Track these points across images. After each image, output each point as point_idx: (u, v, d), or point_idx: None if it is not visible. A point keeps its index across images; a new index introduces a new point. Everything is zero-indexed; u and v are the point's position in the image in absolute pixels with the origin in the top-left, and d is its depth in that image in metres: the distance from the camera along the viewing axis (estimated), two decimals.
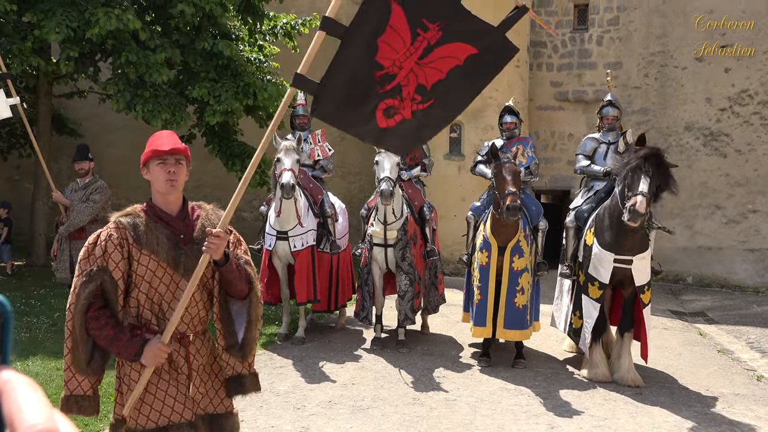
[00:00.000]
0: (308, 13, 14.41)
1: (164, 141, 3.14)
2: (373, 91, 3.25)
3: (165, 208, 3.11)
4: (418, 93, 3.29)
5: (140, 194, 17.56)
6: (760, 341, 9.68)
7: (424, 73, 3.29)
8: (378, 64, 3.24)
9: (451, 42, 3.26)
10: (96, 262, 2.93)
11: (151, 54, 10.65)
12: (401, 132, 3.33)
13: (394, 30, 3.22)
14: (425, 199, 9.04)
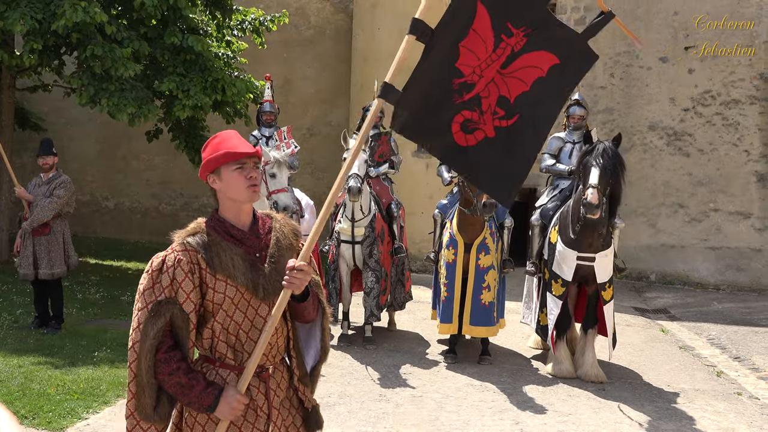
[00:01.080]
0: (277, 10, 14.37)
1: (237, 142, 2.71)
2: (449, 100, 2.92)
3: (236, 221, 2.69)
4: (500, 106, 2.95)
5: (106, 190, 17.36)
6: (720, 338, 9.86)
7: (506, 84, 2.97)
8: (457, 71, 2.92)
9: (535, 50, 2.96)
10: (163, 292, 2.53)
11: (118, 47, 10.53)
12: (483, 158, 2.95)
13: (477, 34, 2.92)
14: (393, 196, 9.06)
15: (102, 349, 7.53)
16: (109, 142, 16.93)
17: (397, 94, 2.85)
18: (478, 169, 3.01)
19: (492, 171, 2.98)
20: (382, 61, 14.33)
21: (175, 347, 2.55)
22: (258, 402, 2.66)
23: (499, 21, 2.92)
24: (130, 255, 14.40)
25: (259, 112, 9.98)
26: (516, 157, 2.96)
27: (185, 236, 2.65)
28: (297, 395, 2.80)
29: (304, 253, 2.65)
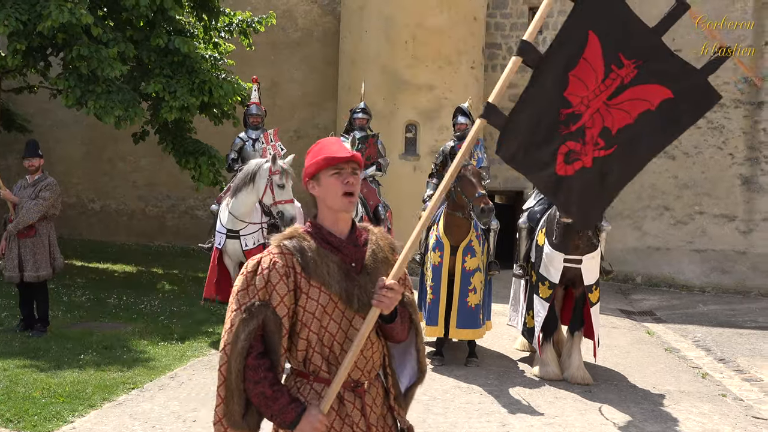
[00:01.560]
0: (264, 11, 14.35)
1: (337, 147, 2.64)
2: (556, 131, 2.84)
3: (334, 229, 2.60)
4: (601, 137, 2.88)
5: (92, 192, 17.25)
6: (705, 340, 9.93)
7: (611, 116, 2.89)
8: (566, 101, 2.84)
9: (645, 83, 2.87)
10: (257, 294, 2.47)
11: (104, 48, 10.48)
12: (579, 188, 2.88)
13: (587, 63, 2.84)
14: (380, 199, 9.07)
15: (88, 352, 7.49)
16: (95, 144, 16.84)
17: (502, 119, 2.75)
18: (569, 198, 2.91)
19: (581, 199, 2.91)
20: (370, 63, 14.36)
21: (265, 354, 2.48)
22: (354, 418, 2.56)
23: (610, 51, 2.85)
24: (117, 257, 14.34)
25: (245, 114, 9.97)
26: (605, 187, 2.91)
27: (282, 239, 2.57)
28: (392, 414, 2.73)
29: (396, 271, 2.56)
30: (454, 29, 14.48)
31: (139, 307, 9.95)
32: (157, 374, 6.95)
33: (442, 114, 14.19)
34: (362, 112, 9.48)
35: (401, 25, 14.26)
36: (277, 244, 2.56)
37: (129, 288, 11.22)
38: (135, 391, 6.41)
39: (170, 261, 14.52)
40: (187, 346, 8.04)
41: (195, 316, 9.55)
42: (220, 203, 8.75)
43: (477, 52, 15.16)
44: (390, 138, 13.71)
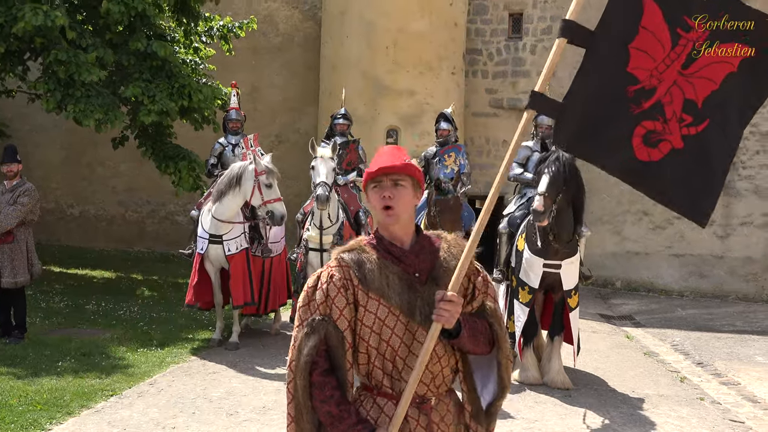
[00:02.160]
0: (245, 17, 14.33)
1: (383, 158, 2.54)
2: (626, 111, 2.59)
3: (394, 239, 2.52)
4: (686, 112, 2.60)
5: (71, 197, 17.05)
6: (684, 344, 10.00)
7: (692, 86, 2.60)
8: (631, 77, 2.59)
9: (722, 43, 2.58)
10: (318, 309, 2.42)
11: (82, 53, 10.42)
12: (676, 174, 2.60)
13: (648, 31, 2.59)
14: (361, 204, 9.07)
15: (66, 359, 7.43)
16: (74, 149, 16.72)
17: (554, 105, 2.59)
18: (667, 187, 2.65)
19: (684, 187, 2.63)
20: (351, 68, 14.37)
21: (331, 372, 2.41)
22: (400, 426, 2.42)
23: (672, 14, 2.58)
24: (96, 263, 14.23)
25: (225, 119, 9.95)
26: (709, 168, 2.62)
27: (341, 252, 2.54)
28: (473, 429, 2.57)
29: (454, 282, 2.42)
30: (435, 35, 14.53)
31: (118, 313, 9.88)
32: (136, 381, 6.90)
33: (423, 119, 14.23)
34: (343, 118, 9.48)
35: (382, 30, 14.29)
36: (336, 257, 2.52)
37: (108, 294, 11.14)
38: (113, 398, 6.36)
39: (150, 267, 14.43)
40: (166, 353, 7.99)
41: (175, 322, 9.50)
42: (201, 209, 8.72)
43: (458, 58, 15.22)
44: (371, 143, 13.71)
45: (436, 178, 7.74)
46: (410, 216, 2.54)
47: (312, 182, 7.99)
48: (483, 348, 2.50)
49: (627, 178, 2.69)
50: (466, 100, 15.80)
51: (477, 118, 16.03)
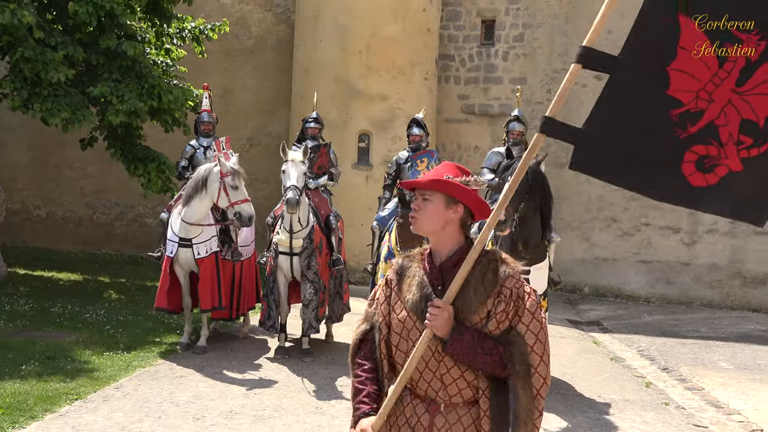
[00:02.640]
0: (218, 19, 14.25)
1: (428, 174, 2.75)
2: (670, 135, 2.46)
3: (434, 248, 2.68)
4: (745, 133, 2.41)
5: (37, 198, 16.79)
6: (650, 349, 10.12)
7: (749, 105, 2.40)
8: (673, 100, 2.45)
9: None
10: (373, 303, 2.81)
11: (50, 51, 10.30)
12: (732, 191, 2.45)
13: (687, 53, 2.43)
14: (332, 208, 9.06)
15: (30, 362, 7.32)
16: (42, 150, 16.49)
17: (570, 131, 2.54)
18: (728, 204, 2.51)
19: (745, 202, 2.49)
20: (323, 72, 14.36)
21: (369, 356, 2.75)
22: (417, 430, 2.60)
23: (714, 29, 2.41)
24: (62, 265, 14.04)
25: (197, 121, 9.88)
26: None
27: (400, 257, 2.80)
28: None
29: (449, 293, 2.54)
30: (408, 40, 14.56)
31: (85, 316, 9.76)
32: (102, 385, 6.82)
33: (395, 124, 14.25)
34: (314, 122, 9.47)
35: (355, 34, 14.30)
36: (397, 261, 2.80)
37: (74, 297, 11.00)
38: (78, 402, 6.29)
39: (118, 269, 14.28)
40: (133, 356, 7.91)
41: (142, 326, 9.41)
42: (171, 212, 8.65)
43: (430, 63, 15.27)
44: (343, 147, 13.71)
45: (400, 191, 7.72)
46: (442, 228, 2.64)
47: (282, 186, 7.97)
48: (483, 366, 2.51)
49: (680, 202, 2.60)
50: (438, 105, 15.86)
51: (449, 123, 16.10)
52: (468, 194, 2.64)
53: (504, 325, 2.52)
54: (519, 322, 2.52)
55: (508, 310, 2.53)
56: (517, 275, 2.58)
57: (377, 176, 13.83)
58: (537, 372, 2.49)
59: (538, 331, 2.53)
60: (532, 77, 15.70)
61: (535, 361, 2.50)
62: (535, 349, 2.50)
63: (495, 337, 2.51)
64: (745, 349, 10.49)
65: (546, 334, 2.57)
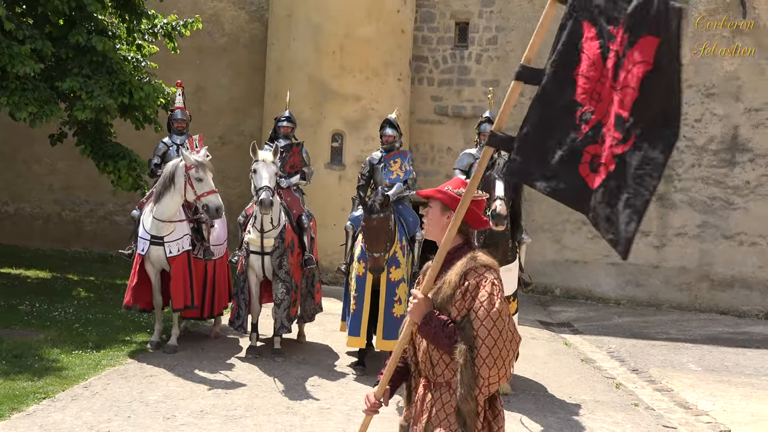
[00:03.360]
0: (190, 15, 14.14)
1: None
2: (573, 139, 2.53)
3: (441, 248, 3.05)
4: (618, 129, 2.41)
5: (5, 194, 16.49)
6: (619, 351, 10.21)
7: (620, 98, 2.41)
8: (577, 104, 2.54)
9: (636, 41, 2.38)
10: None
11: (16, 44, 10.14)
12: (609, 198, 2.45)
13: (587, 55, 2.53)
14: (304, 208, 9.03)
15: None
16: (10, 145, 16.24)
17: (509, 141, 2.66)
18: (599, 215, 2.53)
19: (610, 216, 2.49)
20: (297, 71, 14.32)
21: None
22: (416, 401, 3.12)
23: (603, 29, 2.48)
24: (30, 263, 13.84)
25: (170, 119, 9.78)
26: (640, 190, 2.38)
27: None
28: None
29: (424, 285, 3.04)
30: (381, 41, 14.57)
31: (53, 314, 9.62)
32: (70, 384, 6.73)
33: (369, 124, 14.24)
34: (287, 121, 9.43)
35: (329, 34, 14.27)
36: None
37: (42, 294, 10.84)
38: (46, 401, 6.19)
39: (87, 267, 14.11)
40: (102, 355, 7.81)
41: (111, 324, 9.30)
42: (142, 209, 8.55)
43: (404, 65, 15.29)
44: (316, 147, 13.67)
45: (362, 197, 7.70)
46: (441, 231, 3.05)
47: (254, 186, 7.90)
48: (445, 347, 2.89)
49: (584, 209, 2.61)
50: (411, 106, 15.88)
51: (422, 124, 16.13)
52: (458, 203, 2.97)
53: (463, 312, 2.87)
54: (471, 310, 2.85)
55: (466, 299, 2.88)
56: (480, 269, 2.91)
57: (350, 176, 13.82)
58: (479, 353, 2.78)
59: (484, 317, 2.80)
60: (504, 80, 15.77)
61: (477, 343, 2.79)
62: (478, 333, 2.79)
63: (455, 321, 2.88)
64: (713, 351, 10.63)
65: (495, 320, 2.80)
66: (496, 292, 2.85)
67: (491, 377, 2.79)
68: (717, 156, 14.60)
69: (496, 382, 2.83)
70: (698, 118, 14.62)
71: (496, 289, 2.86)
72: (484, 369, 2.78)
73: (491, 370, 2.78)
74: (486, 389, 2.83)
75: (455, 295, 2.90)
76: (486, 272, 2.90)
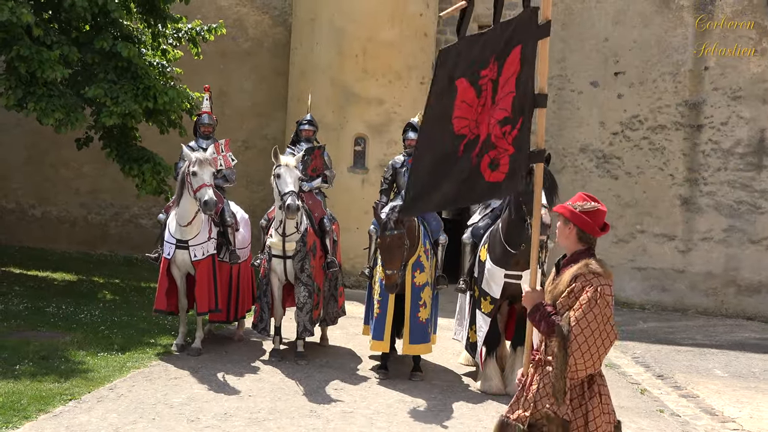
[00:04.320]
0: (214, 20, 14.24)
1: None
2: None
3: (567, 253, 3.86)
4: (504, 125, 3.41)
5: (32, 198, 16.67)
6: (645, 356, 10.12)
7: (500, 107, 3.38)
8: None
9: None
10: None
11: (45, 50, 10.27)
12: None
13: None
14: (326, 211, 9.05)
15: (24, 362, 7.30)
16: (37, 149, 16.44)
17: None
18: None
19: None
20: (320, 75, 14.36)
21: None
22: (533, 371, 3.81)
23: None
24: (57, 265, 14.01)
25: (197, 123, 9.82)
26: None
27: None
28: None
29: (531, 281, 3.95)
30: (404, 44, 14.57)
31: (79, 316, 9.73)
32: (96, 385, 6.80)
33: (392, 128, 14.25)
34: (309, 124, 9.46)
35: (352, 38, 14.30)
36: None
37: (69, 297, 10.96)
38: (72, 403, 6.26)
39: (113, 270, 14.24)
40: (127, 357, 7.89)
41: (136, 326, 9.38)
42: (168, 213, 8.62)
43: (427, 68, 15.27)
44: (339, 151, 13.71)
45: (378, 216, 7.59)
46: (566, 239, 3.81)
47: (278, 192, 7.91)
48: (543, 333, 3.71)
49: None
50: None
51: None
52: (575, 216, 3.74)
53: (566, 308, 3.60)
54: (572, 308, 3.57)
55: (570, 299, 3.61)
56: (589, 275, 3.60)
57: (373, 180, 13.82)
58: (570, 345, 3.51)
59: (581, 317, 3.51)
60: None
61: (570, 337, 3.51)
62: (573, 329, 3.51)
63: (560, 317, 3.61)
64: (740, 356, 10.51)
65: (589, 321, 3.51)
66: (597, 298, 3.53)
67: (578, 365, 3.51)
68: (744, 159, 14.43)
69: (583, 370, 3.53)
70: (724, 121, 14.46)
71: (597, 295, 3.53)
72: (573, 359, 3.50)
73: (578, 360, 3.50)
74: (574, 374, 3.54)
75: (564, 292, 3.63)
76: (593, 279, 3.58)
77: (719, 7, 14.61)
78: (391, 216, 7.36)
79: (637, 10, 15.13)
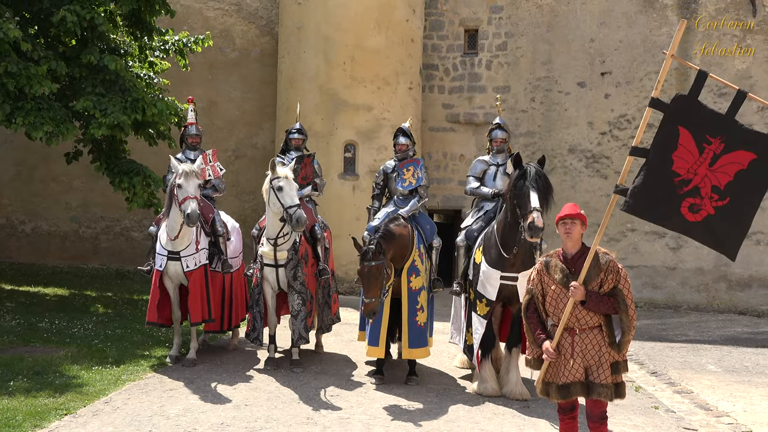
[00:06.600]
0: (201, 31, 14.27)
1: (566, 210, 5.05)
2: (674, 192, 4.61)
3: (566, 251, 5.04)
4: (714, 192, 4.57)
5: (22, 213, 16.63)
6: (638, 353, 10.16)
7: (716, 177, 4.55)
8: (674, 173, 4.60)
9: (733, 150, 4.52)
10: (531, 282, 5.11)
11: (33, 65, 10.28)
12: (711, 226, 4.63)
13: (683, 147, 4.58)
14: (317, 218, 9.06)
15: (18, 378, 7.27)
16: (26, 164, 16.43)
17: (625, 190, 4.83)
18: (708, 236, 4.74)
19: (720, 236, 4.70)
20: (308, 83, 14.41)
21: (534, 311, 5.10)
22: (565, 346, 4.95)
23: (698, 135, 4.55)
24: (48, 280, 13.97)
25: (183, 135, 9.83)
26: (739, 224, 4.66)
27: (543, 256, 5.14)
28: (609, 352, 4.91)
29: (581, 277, 4.84)
30: (391, 50, 14.63)
31: (72, 330, 9.71)
32: (91, 399, 6.78)
33: (381, 134, 14.30)
34: (298, 133, 9.49)
35: (340, 45, 14.35)
36: (541, 259, 5.13)
37: (61, 311, 10.94)
38: (68, 417, 6.24)
39: (105, 283, 14.21)
40: (122, 370, 7.87)
41: (130, 339, 9.36)
42: (159, 225, 8.62)
43: (414, 73, 15.34)
44: (329, 158, 13.75)
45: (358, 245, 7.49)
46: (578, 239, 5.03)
47: (282, 205, 7.80)
48: (606, 310, 4.87)
49: (678, 229, 4.82)
50: (423, 114, 15.93)
51: (434, 132, 16.17)
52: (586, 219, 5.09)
53: (611, 285, 4.86)
54: (618, 284, 4.86)
55: (611, 278, 4.86)
56: (612, 261, 4.91)
57: (363, 186, 13.87)
58: (630, 307, 4.83)
59: (628, 288, 4.87)
60: (515, 85, 15.80)
61: (628, 301, 4.83)
62: (627, 296, 4.84)
63: (606, 293, 4.85)
64: (733, 351, 10.57)
65: (629, 290, 4.86)
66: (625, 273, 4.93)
67: (634, 320, 4.85)
68: None
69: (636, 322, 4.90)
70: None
71: (623, 271, 4.93)
72: (635, 315, 4.85)
73: (633, 316, 4.84)
74: (635, 324, 4.87)
75: (600, 276, 4.84)
76: (616, 262, 4.96)
77: (703, 5, 14.72)
78: (370, 248, 7.24)
79: (621, 10, 15.25)
